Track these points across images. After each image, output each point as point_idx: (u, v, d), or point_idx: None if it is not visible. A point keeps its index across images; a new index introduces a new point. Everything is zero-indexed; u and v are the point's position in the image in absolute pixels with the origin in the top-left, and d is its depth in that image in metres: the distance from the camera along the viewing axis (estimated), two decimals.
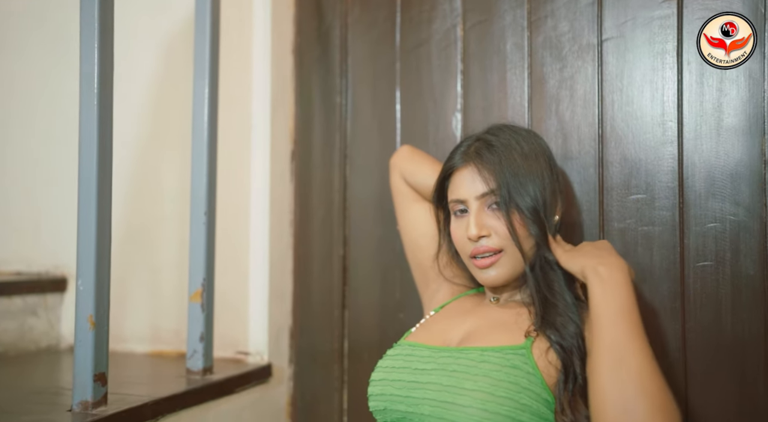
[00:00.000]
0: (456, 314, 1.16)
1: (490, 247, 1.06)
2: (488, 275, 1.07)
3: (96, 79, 1.05)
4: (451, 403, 0.98)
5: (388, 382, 1.07)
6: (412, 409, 1.02)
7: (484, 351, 1.02)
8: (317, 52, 1.53)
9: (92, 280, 1.05)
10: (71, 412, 1.04)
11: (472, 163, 1.08)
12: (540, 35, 1.33)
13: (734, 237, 1.15)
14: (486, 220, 1.06)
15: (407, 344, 1.14)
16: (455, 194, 1.10)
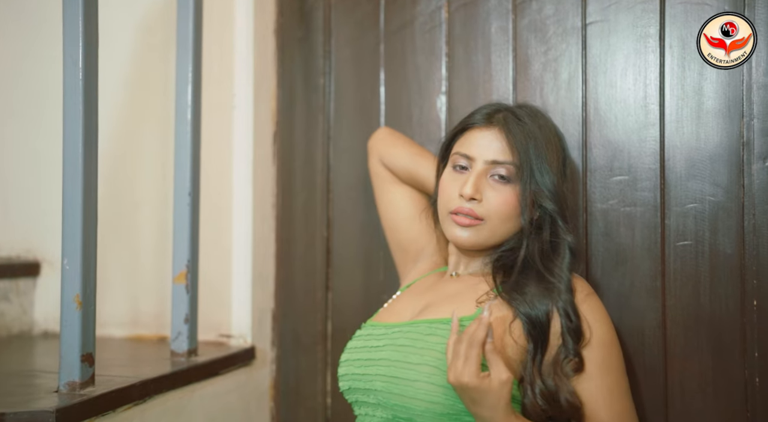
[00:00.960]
0: (418, 292, 1.18)
1: (473, 211, 1.06)
2: (460, 235, 1.08)
3: (81, 62, 1.03)
4: (400, 378, 1.01)
5: (351, 362, 1.11)
6: (368, 386, 1.05)
7: (432, 324, 1.04)
8: (300, 32, 1.52)
9: (79, 260, 1.03)
10: (58, 393, 1.02)
11: (497, 127, 1.08)
12: (525, 18, 1.34)
13: (713, 217, 1.19)
14: (483, 186, 1.07)
15: (369, 324, 1.17)
16: (466, 149, 1.09)
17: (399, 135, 1.36)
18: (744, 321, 1.16)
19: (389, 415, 1.03)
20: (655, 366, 1.20)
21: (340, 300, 1.47)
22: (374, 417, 1.06)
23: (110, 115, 1.53)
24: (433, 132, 1.40)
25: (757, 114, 1.16)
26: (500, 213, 1.06)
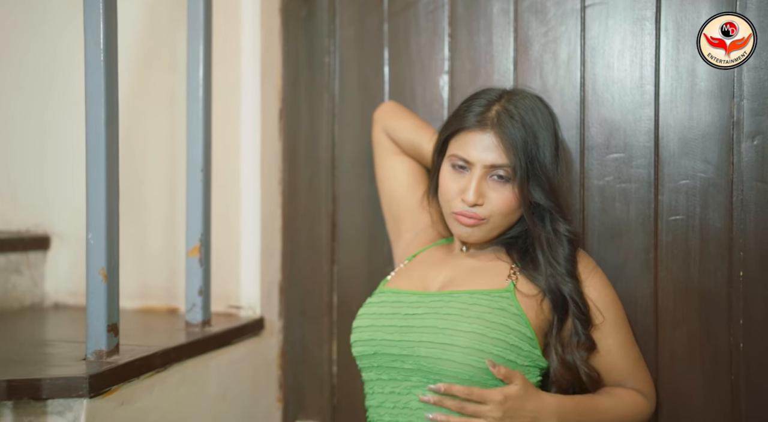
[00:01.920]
0: (431, 263, 1.23)
1: (477, 214, 1.12)
2: (465, 232, 1.14)
3: (102, 41, 1.05)
4: (449, 344, 1.05)
5: (378, 328, 1.14)
6: (407, 352, 1.09)
7: (473, 294, 1.10)
8: (304, 12, 1.55)
9: (103, 234, 1.07)
10: (86, 361, 1.07)
11: (491, 131, 1.11)
12: (526, 0, 1.38)
13: (703, 193, 1.25)
14: (485, 189, 1.12)
15: (390, 291, 1.20)
16: (463, 153, 1.13)
17: (404, 109, 1.42)
18: (731, 290, 1.23)
19: (429, 380, 1.07)
20: (647, 333, 1.27)
21: (345, 273, 1.53)
22: (405, 381, 1.10)
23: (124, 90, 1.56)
24: (436, 111, 1.45)
25: (747, 95, 1.22)
26: (501, 211, 1.12)
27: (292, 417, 1.56)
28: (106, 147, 1.07)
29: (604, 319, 1.13)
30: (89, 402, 0.99)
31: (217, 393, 1.33)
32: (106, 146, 1.06)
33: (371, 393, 1.16)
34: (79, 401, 0.98)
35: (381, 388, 1.13)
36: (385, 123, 1.39)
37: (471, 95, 1.20)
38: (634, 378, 1.16)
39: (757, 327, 1.21)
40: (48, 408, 0.98)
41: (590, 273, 1.15)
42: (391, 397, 1.11)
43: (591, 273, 1.15)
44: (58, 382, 0.97)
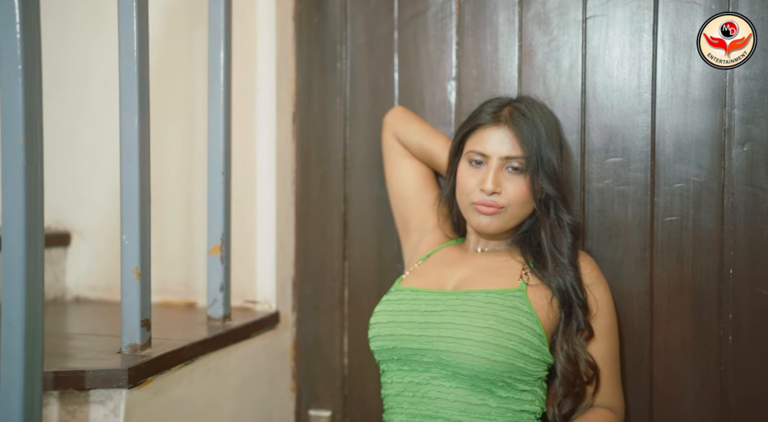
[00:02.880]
0: (446, 263, 1.31)
1: (496, 202, 1.20)
2: (484, 221, 1.22)
3: (135, 46, 1.12)
4: (466, 339, 1.13)
5: (397, 324, 1.21)
6: (426, 346, 1.17)
7: (489, 293, 1.18)
8: (316, 19, 1.62)
9: (137, 236, 1.14)
10: (121, 354, 1.14)
11: (505, 126, 1.21)
12: (530, 10, 1.45)
13: (697, 195, 1.33)
14: (501, 180, 1.20)
15: (408, 289, 1.27)
16: (480, 148, 1.22)
17: (413, 114, 1.50)
18: (721, 287, 1.32)
19: (447, 372, 1.15)
20: (642, 327, 1.36)
21: (356, 269, 1.60)
22: (424, 373, 1.17)
23: None
24: (444, 115, 1.52)
25: (738, 104, 1.30)
26: (517, 200, 1.21)
27: (305, 406, 1.64)
28: (140, 156, 1.14)
29: (598, 325, 1.21)
30: (128, 393, 1.06)
31: (238, 384, 1.40)
32: (139, 154, 1.13)
33: (389, 382, 1.23)
34: (118, 391, 1.06)
35: (400, 378, 1.20)
36: (394, 127, 1.46)
37: (482, 103, 1.28)
38: (611, 387, 1.23)
39: (745, 321, 1.30)
40: (90, 398, 1.06)
41: (595, 280, 1.24)
42: (410, 387, 1.19)
43: (596, 280, 1.24)
44: (100, 374, 1.05)
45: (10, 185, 0.91)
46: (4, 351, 0.91)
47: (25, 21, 0.89)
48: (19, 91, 0.89)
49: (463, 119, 1.47)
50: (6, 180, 0.91)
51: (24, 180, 0.90)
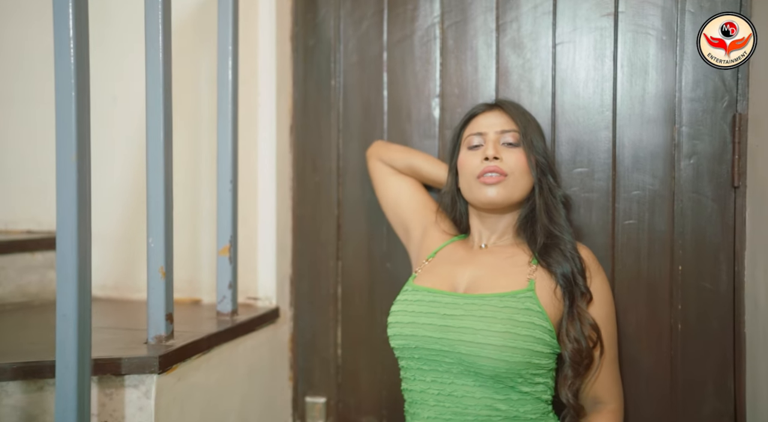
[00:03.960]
0: (454, 261, 1.39)
1: (499, 167, 1.31)
2: (490, 193, 1.31)
3: (161, 69, 1.26)
4: (486, 344, 1.21)
5: (418, 325, 1.29)
6: (448, 348, 1.25)
7: (502, 297, 1.27)
8: (312, 41, 1.77)
9: (162, 239, 1.28)
10: (147, 344, 1.28)
11: (497, 108, 1.38)
12: (506, 36, 1.63)
13: (651, 202, 1.52)
14: (500, 150, 1.34)
15: (425, 289, 1.35)
16: (477, 128, 1.37)
17: (392, 143, 1.66)
18: (672, 281, 1.51)
19: (469, 372, 1.23)
20: None
21: (349, 268, 1.76)
22: (446, 372, 1.26)
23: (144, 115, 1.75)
24: (429, 129, 1.69)
25: (685, 122, 1.49)
26: (518, 168, 1.32)
27: (302, 393, 1.79)
28: (164, 168, 1.27)
29: (597, 314, 1.32)
30: (158, 378, 1.21)
31: (245, 373, 1.55)
32: (164, 167, 1.27)
33: (412, 379, 1.31)
34: (150, 376, 1.20)
35: (422, 376, 1.29)
36: (379, 154, 1.62)
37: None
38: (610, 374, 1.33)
39: (692, 311, 1.49)
40: (126, 382, 1.19)
41: (594, 272, 1.35)
42: (433, 385, 1.28)
43: (594, 272, 1.35)
44: (134, 361, 1.19)
45: (64, 195, 1.04)
46: (59, 339, 1.04)
47: (78, 53, 1.03)
48: (73, 114, 1.03)
49: (447, 132, 1.66)
50: (60, 191, 1.05)
51: (76, 191, 1.04)
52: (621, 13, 1.54)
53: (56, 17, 1.03)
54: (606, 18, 1.55)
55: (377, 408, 1.73)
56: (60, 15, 1.03)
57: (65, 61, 1.02)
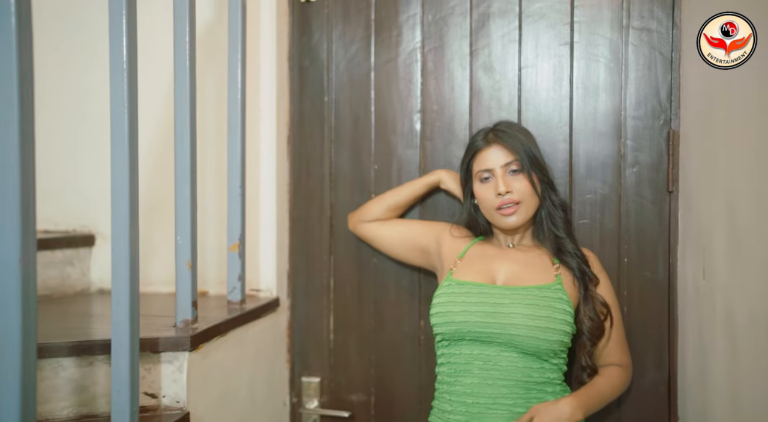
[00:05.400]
0: (488, 258, 1.62)
1: (513, 199, 1.56)
2: (510, 220, 1.57)
3: (188, 96, 1.47)
4: (534, 326, 1.48)
5: (470, 313, 1.52)
6: (499, 330, 1.49)
7: (540, 289, 1.53)
8: (307, 61, 1.99)
9: (188, 236, 1.49)
10: (176, 328, 1.49)
11: (495, 143, 1.58)
12: (479, 60, 1.88)
13: (602, 204, 1.79)
14: (509, 182, 1.57)
15: (470, 284, 1.57)
16: (483, 165, 1.59)
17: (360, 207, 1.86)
18: (619, 271, 1.77)
19: (511, 347, 1.48)
20: None
21: (340, 262, 1.99)
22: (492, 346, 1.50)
23: (157, 121, 1.96)
24: (411, 140, 1.93)
25: (630, 137, 1.76)
26: (526, 193, 1.57)
27: (298, 374, 2.02)
28: (190, 175, 1.49)
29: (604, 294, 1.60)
30: (189, 355, 1.42)
31: (253, 354, 1.77)
32: (190, 174, 1.49)
33: (457, 353, 1.53)
34: (182, 354, 1.41)
35: (469, 351, 1.52)
36: (359, 218, 1.83)
37: (473, 135, 1.68)
38: (620, 348, 1.60)
39: (636, 296, 1.76)
40: (162, 358, 1.40)
41: (597, 272, 1.61)
42: (479, 357, 1.51)
43: (598, 272, 1.61)
44: (170, 340, 1.40)
45: (118, 203, 1.25)
46: (114, 321, 1.25)
47: (130, 80, 1.24)
48: (126, 135, 1.23)
49: (427, 143, 1.90)
50: (115, 199, 1.25)
51: (129, 199, 1.25)
52: (576, 43, 1.80)
53: (112, 44, 1.22)
54: (563, 47, 1.81)
55: (366, 386, 1.97)
56: (115, 39, 1.22)
57: (119, 87, 1.23)
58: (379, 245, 1.83)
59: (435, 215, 1.89)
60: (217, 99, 1.91)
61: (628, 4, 1.76)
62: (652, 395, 1.75)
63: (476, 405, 1.51)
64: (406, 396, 1.93)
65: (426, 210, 1.90)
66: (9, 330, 0.98)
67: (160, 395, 1.41)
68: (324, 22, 1.98)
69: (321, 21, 1.98)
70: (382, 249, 1.84)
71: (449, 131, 1.89)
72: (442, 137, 1.89)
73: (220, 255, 1.93)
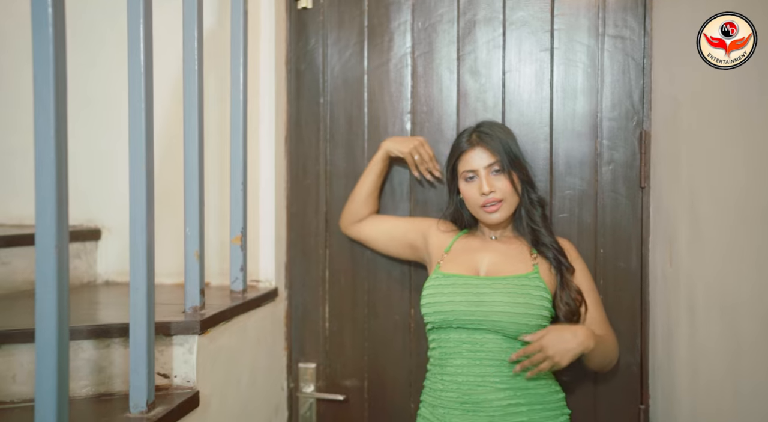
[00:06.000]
0: (472, 251, 1.74)
1: (496, 198, 1.69)
2: (494, 217, 1.69)
3: (196, 95, 1.58)
4: (513, 313, 1.61)
5: (456, 302, 1.65)
6: (482, 318, 1.62)
7: (519, 278, 1.67)
8: (303, 65, 2.11)
9: (197, 228, 1.61)
10: (185, 313, 1.60)
11: (478, 146, 1.70)
12: (465, 65, 2.01)
13: (580, 199, 1.92)
14: (492, 181, 1.70)
15: (455, 275, 1.70)
16: (468, 166, 1.70)
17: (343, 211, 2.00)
18: (596, 262, 1.91)
19: (495, 332, 1.61)
20: None
21: (334, 255, 2.11)
22: (477, 332, 1.62)
23: (161, 122, 2.06)
24: None
25: (605, 136, 1.90)
26: (508, 191, 1.69)
27: (295, 360, 2.14)
28: (198, 170, 1.60)
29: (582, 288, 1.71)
30: (198, 338, 1.53)
31: (254, 340, 1.88)
32: (198, 169, 1.60)
33: (446, 338, 1.66)
34: (192, 337, 1.53)
35: (457, 336, 1.65)
36: (346, 221, 1.98)
37: (458, 135, 1.80)
38: (605, 326, 1.72)
39: (611, 285, 1.90)
40: (174, 341, 1.52)
41: (574, 259, 1.73)
42: (468, 340, 1.63)
43: (574, 260, 1.73)
44: (181, 324, 1.51)
45: (136, 199, 1.36)
46: (132, 305, 1.36)
47: (147, 87, 1.35)
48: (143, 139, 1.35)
49: None
50: (133, 196, 1.36)
51: (146, 196, 1.36)
52: (556, 49, 1.93)
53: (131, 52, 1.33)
54: (544, 52, 1.94)
55: (360, 371, 2.09)
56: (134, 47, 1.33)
57: (137, 92, 1.34)
58: (371, 245, 1.97)
59: (425, 209, 2.01)
60: (219, 100, 2.02)
61: (603, 13, 1.90)
62: (626, 376, 1.89)
63: (466, 383, 1.64)
64: (397, 380, 2.06)
65: (417, 205, 2.02)
66: (47, 308, 1.09)
67: (172, 375, 1.52)
68: (320, 28, 2.09)
69: (317, 27, 2.10)
70: (375, 248, 1.97)
71: (438, 131, 2.02)
72: (431, 137, 2.02)
73: (221, 248, 2.04)
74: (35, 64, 1.08)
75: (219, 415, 1.64)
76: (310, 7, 2.09)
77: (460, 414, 1.64)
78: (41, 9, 1.06)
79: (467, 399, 1.63)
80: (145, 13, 1.33)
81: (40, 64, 1.07)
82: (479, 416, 1.62)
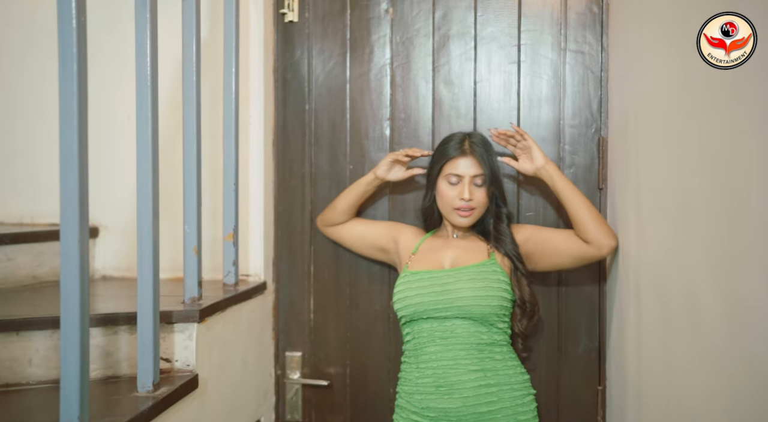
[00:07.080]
0: (436, 249, 1.91)
1: (471, 206, 1.86)
2: (464, 221, 1.86)
3: (194, 98, 1.73)
4: (475, 296, 1.78)
5: (424, 295, 1.81)
6: (449, 305, 1.78)
7: (478, 266, 1.84)
8: (290, 74, 2.27)
9: (195, 225, 1.75)
10: (184, 304, 1.75)
11: (471, 155, 1.86)
12: (440, 75, 2.18)
13: (544, 199, 2.10)
14: (472, 190, 1.86)
15: (422, 272, 1.86)
16: (455, 170, 1.85)
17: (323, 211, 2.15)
18: None
19: (462, 317, 1.77)
20: None
21: (319, 251, 2.27)
22: (446, 320, 1.78)
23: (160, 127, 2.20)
24: (381, 144, 2.22)
25: (567, 142, 2.08)
26: (482, 203, 1.87)
27: (282, 349, 2.29)
28: (196, 171, 1.75)
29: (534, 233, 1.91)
30: (197, 326, 1.68)
31: (246, 329, 2.03)
32: (196, 171, 1.75)
33: (419, 329, 1.81)
34: (192, 325, 1.67)
35: (429, 325, 1.80)
36: (323, 223, 2.12)
37: (444, 139, 1.94)
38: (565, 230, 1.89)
39: (573, 278, 2.08)
40: (175, 329, 1.66)
41: (517, 229, 1.92)
42: (439, 328, 1.79)
43: (524, 231, 1.91)
44: (182, 313, 1.66)
45: (143, 198, 1.51)
46: (139, 295, 1.51)
47: (153, 90, 1.49)
48: (149, 143, 1.49)
49: (396, 147, 2.19)
50: (140, 194, 1.51)
51: (152, 194, 1.50)
52: (522, 62, 2.11)
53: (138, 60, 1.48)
54: (512, 65, 2.12)
55: (342, 359, 2.25)
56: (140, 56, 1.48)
57: (144, 96, 1.48)
58: (345, 246, 2.14)
59: (404, 209, 2.18)
60: (212, 106, 2.16)
61: (565, 30, 2.08)
62: (585, 360, 2.07)
63: (441, 368, 1.80)
64: (377, 367, 2.22)
65: (395, 205, 2.19)
66: (71, 296, 1.23)
67: (173, 359, 1.67)
68: (305, 40, 2.25)
69: (303, 39, 2.25)
70: (348, 248, 2.14)
71: (414, 136, 2.19)
72: (408, 142, 2.19)
73: (214, 245, 2.18)
74: (61, 81, 1.23)
75: (215, 397, 1.79)
76: (296, 20, 2.24)
77: (435, 398, 1.80)
78: (67, 29, 1.20)
79: (442, 382, 1.80)
80: (151, 26, 1.48)
81: (66, 84, 1.22)
82: (454, 398, 1.78)
